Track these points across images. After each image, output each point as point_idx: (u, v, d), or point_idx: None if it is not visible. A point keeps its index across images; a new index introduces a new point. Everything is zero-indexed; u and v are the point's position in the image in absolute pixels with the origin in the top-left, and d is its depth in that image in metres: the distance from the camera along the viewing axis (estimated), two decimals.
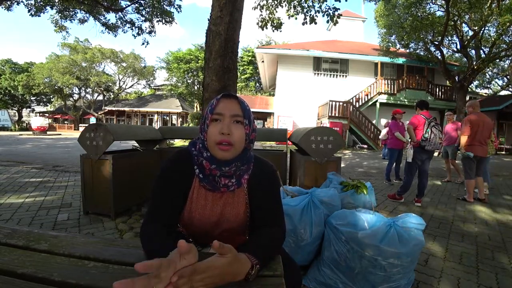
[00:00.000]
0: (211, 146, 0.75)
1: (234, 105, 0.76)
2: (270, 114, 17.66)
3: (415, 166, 3.61)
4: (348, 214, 1.60)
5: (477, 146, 3.71)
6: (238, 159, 0.77)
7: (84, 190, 2.68)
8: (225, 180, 0.79)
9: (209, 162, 0.76)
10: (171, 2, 9.29)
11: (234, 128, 0.75)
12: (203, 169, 0.79)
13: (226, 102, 0.77)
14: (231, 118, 0.75)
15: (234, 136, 0.74)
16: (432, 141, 3.35)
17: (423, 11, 11.59)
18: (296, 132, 3.21)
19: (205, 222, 0.83)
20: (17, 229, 0.84)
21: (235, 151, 0.76)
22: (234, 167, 0.77)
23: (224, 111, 0.75)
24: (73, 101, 30.38)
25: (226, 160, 0.75)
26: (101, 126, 2.55)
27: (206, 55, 2.90)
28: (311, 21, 5.22)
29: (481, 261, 2.03)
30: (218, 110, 0.76)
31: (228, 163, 0.76)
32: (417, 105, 3.72)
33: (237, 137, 0.75)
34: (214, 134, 0.74)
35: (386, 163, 5.67)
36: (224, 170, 0.76)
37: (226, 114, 0.75)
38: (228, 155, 0.75)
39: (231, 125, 0.75)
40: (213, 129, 0.75)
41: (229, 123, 0.75)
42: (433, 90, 14.18)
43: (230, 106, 0.76)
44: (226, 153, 0.74)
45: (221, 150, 0.74)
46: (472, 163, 3.76)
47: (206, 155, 0.77)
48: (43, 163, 6.01)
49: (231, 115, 0.75)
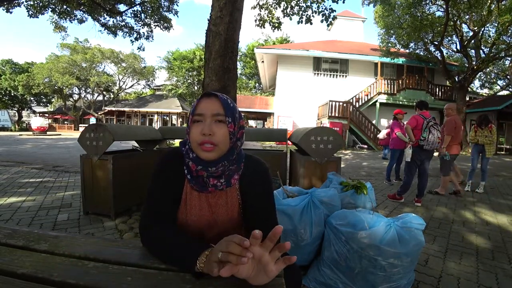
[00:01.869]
0: (194, 147, 0.74)
1: (215, 104, 0.74)
2: (270, 114, 17.67)
3: (414, 166, 3.62)
4: (348, 214, 1.60)
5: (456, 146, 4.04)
6: (224, 159, 0.75)
7: (84, 190, 2.68)
8: (213, 181, 0.78)
9: (195, 164, 0.75)
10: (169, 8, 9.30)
11: (216, 128, 0.73)
12: (190, 170, 0.78)
13: (207, 101, 0.75)
14: (212, 118, 0.73)
15: (217, 136, 0.73)
16: (430, 140, 3.39)
17: (422, 11, 11.60)
18: (296, 132, 3.21)
19: (199, 222, 0.82)
20: (17, 229, 0.84)
21: (220, 151, 0.74)
22: (221, 167, 0.75)
23: (204, 111, 0.74)
24: (73, 101, 30.38)
25: (212, 161, 0.74)
26: (101, 126, 2.55)
27: (206, 55, 2.91)
28: (306, 21, 5.23)
29: (481, 261, 2.03)
30: (199, 110, 0.74)
31: (215, 163, 0.74)
32: (417, 105, 3.75)
33: (220, 136, 0.73)
34: (196, 135, 0.73)
35: (386, 164, 5.67)
36: (211, 171, 0.75)
37: (207, 114, 0.73)
38: (212, 155, 0.73)
39: (213, 125, 0.73)
40: (195, 130, 0.73)
41: (211, 123, 0.73)
42: (433, 90, 14.19)
43: (210, 105, 0.74)
44: (210, 154, 0.73)
45: (204, 151, 0.73)
46: (450, 162, 4.04)
47: (192, 156, 0.76)
48: (43, 163, 6.01)
49: (212, 115, 0.73)
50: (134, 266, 0.66)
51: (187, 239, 0.69)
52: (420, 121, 3.50)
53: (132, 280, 0.60)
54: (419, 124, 3.50)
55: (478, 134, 4.44)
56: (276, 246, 0.55)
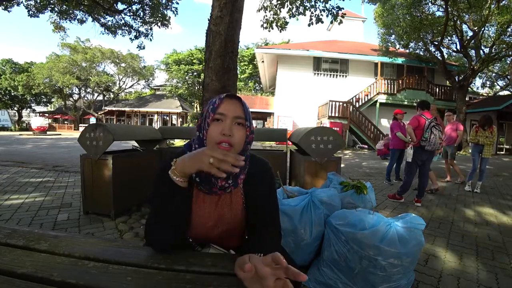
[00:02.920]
0: (211, 145, 0.75)
1: (237, 107, 0.76)
2: (270, 114, 17.65)
3: (415, 166, 3.61)
4: (348, 214, 1.60)
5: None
6: None
7: (84, 190, 2.68)
8: (221, 182, 0.78)
9: None
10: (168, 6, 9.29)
11: (236, 130, 0.74)
12: (198, 172, 0.76)
13: (229, 103, 0.76)
14: (233, 120, 0.75)
15: (235, 137, 0.74)
16: (432, 141, 3.36)
17: (422, 11, 11.60)
18: (296, 132, 3.21)
19: (204, 223, 0.83)
20: (17, 229, 0.84)
21: (234, 153, 0.75)
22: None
23: (226, 112, 0.75)
24: (73, 101, 30.36)
25: None
26: (101, 126, 2.55)
27: (206, 55, 2.90)
28: (317, 21, 5.12)
29: (481, 261, 2.03)
30: (221, 110, 0.75)
31: None
32: (418, 106, 3.72)
33: (238, 139, 0.75)
34: (215, 134, 0.74)
35: (386, 164, 5.67)
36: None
37: (228, 115, 0.74)
38: None
39: (233, 127, 0.74)
40: (215, 129, 0.74)
41: (231, 124, 0.74)
42: (433, 90, 14.17)
43: (233, 107, 0.75)
44: None
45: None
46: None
47: None
48: (43, 163, 6.01)
49: (233, 117, 0.75)
50: (134, 266, 0.66)
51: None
52: (422, 121, 3.48)
53: (132, 280, 0.60)
54: (420, 124, 3.47)
55: (479, 135, 4.43)
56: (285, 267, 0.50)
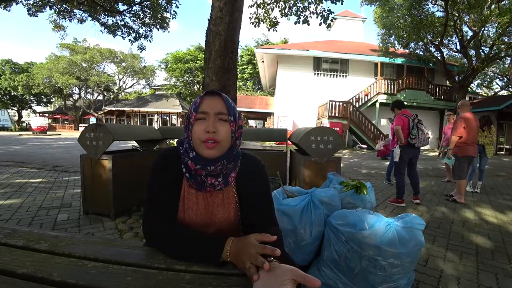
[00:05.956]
0: (197, 144, 0.75)
1: (218, 103, 0.76)
2: (270, 114, 17.66)
3: (404, 166, 3.67)
4: (348, 214, 1.59)
5: (469, 146, 3.70)
6: (224, 157, 0.76)
7: (84, 190, 2.68)
8: (211, 180, 0.78)
9: (194, 163, 0.75)
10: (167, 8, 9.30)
11: (220, 126, 0.74)
12: (189, 168, 0.78)
13: (210, 99, 0.76)
14: (216, 116, 0.75)
15: (220, 134, 0.74)
16: (421, 137, 3.46)
17: (422, 11, 11.59)
18: (296, 132, 3.21)
19: (197, 221, 0.82)
20: (17, 229, 0.84)
21: (222, 149, 0.75)
22: (220, 165, 0.76)
23: (208, 109, 0.74)
24: (73, 101, 30.36)
25: (212, 159, 0.74)
26: (101, 126, 2.55)
27: (206, 55, 2.90)
28: (304, 21, 5.22)
29: (481, 261, 2.04)
30: (203, 108, 0.75)
31: (214, 162, 0.75)
32: (395, 106, 3.80)
33: (223, 135, 0.74)
34: (200, 132, 0.74)
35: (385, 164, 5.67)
36: (210, 170, 0.75)
37: (210, 112, 0.74)
38: (214, 153, 0.74)
39: (216, 123, 0.74)
40: (198, 128, 0.74)
41: (214, 121, 0.74)
42: (433, 90, 14.17)
43: (214, 103, 0.75)
44: (212, 151, 0.74)
45: (207, 148, 0.73)
46: (463, 164, 3.76)
47: (191, 155, 0.76)
48: (43, 163, 6.01)
49: (215, 113, 0.74)
50: (134, 266, 0.66)
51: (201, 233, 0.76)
52: (405, 120, 3.57)
53: (132, 280, 0.60)
54: (405, 123, 3.56)
55: (478, 135, 4.44)
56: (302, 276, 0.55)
